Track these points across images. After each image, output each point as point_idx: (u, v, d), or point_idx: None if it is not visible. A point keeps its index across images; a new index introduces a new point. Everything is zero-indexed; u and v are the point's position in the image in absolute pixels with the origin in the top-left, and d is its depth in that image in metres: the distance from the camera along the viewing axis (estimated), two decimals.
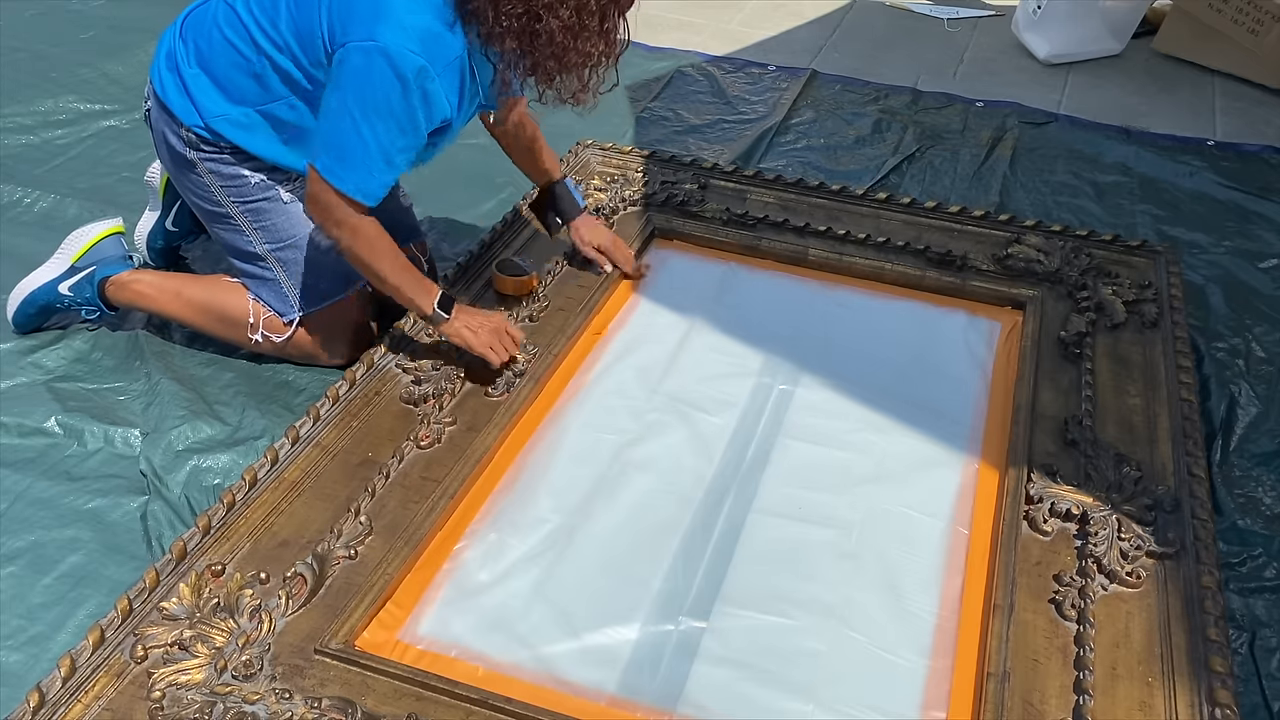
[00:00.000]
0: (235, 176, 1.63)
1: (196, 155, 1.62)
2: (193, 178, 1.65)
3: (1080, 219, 2.29)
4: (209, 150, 1.61)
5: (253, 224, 1.66)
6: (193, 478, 1.55)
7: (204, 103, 1.59)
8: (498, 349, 1.60)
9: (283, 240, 1.67)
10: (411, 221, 1.92)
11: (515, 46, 1.40)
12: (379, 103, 1.40)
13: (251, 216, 1.65)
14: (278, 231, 1.66)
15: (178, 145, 1.62)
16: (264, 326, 1.71)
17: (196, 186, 1.66)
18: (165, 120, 1.62)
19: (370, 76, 1.39)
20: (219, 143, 1.61)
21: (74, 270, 1.80)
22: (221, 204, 1.65)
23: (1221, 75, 3.00)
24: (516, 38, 1.39)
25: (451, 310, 1.59)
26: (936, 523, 1.45)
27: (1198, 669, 1.21)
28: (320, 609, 1.25)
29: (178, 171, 1.67)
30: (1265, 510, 1.56)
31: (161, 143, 1.66)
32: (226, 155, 1.62)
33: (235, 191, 1.64)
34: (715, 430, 1.60)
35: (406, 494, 1.41)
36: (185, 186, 1.69)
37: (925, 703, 1.22)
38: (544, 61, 1.41)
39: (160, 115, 1.63)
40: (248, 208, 1.65)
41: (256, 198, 1.64)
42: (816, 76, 2.94)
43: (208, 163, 1.62)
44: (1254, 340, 1.90)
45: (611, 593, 1.34)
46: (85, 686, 1.14)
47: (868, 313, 1.89)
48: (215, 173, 1.63)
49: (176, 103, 1.60)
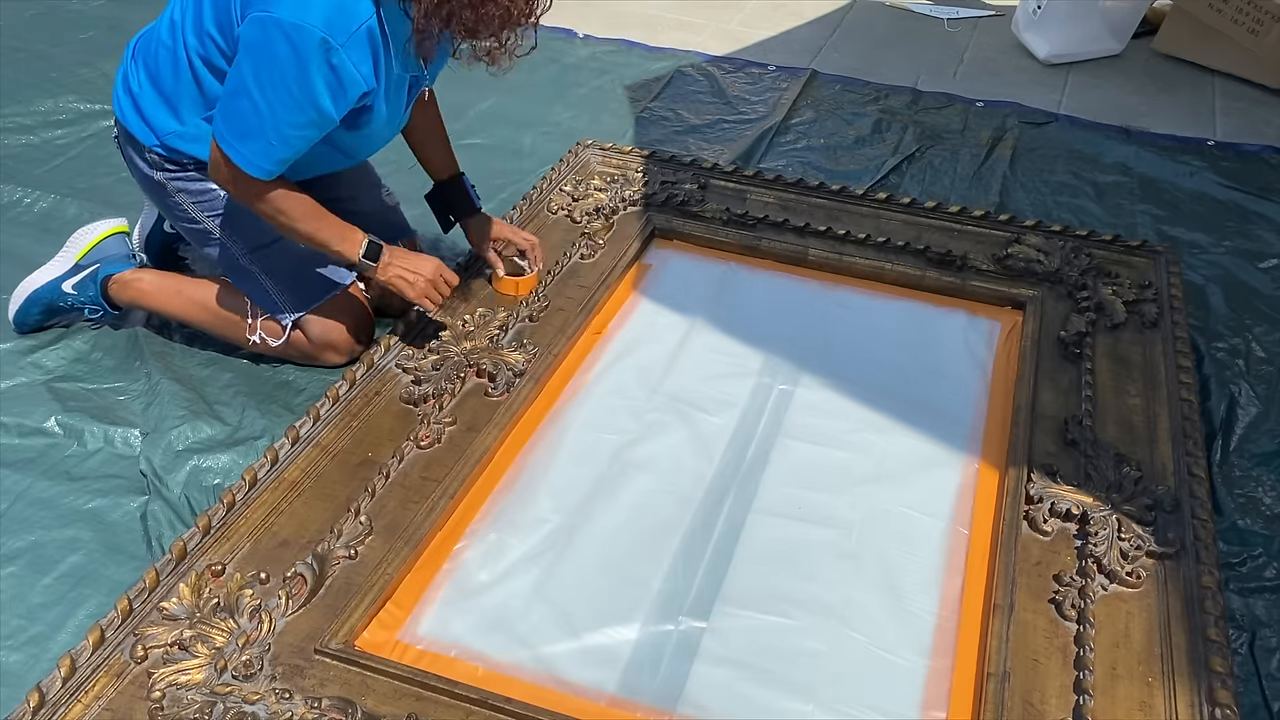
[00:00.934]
0: (203, 191, 1.63)
1: (163, 176, 1.62)
2: (167, 201, 1.66)
3: (1080, 219, 2.29)
4: (173, 170, 1.61)
5: (230, 233, 1.65)
6: (193, 478, 1.55)
7: (157, 121, 1.58)
8: (433, 295, 1.60)
9: (260, 243, 1.65)
10: (400, 219, 1.92)
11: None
12: (275, 78, 1.36)
13: (226, 225, 1.65)
14: (254, 236, 1.65)
15: (144, 168, 1.63)
16: (261, 329, 1.71)
17: (174, 208, 1.66)
18: (129, 144, 1.63)
19: (267, 49, 1.35)
20: (181, 159, 1.60)
21: (78, 268, 1.80)
22: (197, 220, 1.65)
23: (1221, 75, 3.00)
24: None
25: (380, 256, 1.56)
26: (936, 523, 1.45)
27: (1198, 669, 1.21)
28: (320, 609, 1.25)
29: (153, 197, 1.68)
30: (1265, 510, 1.56)
31: (132, 168, 1.66)
32: (191, 172, 1.61)
33: (207, 205, 1.63)
34: (715, 430, 1.60)
35: (406, 494, 1.41)
36: (161, 206, 1.70)
37: (925, 703, 1.22)
38: (460, 10, 1.35)
39: (125, 140, 1.64)
40: (221, 216, 1.64)
41: (226, 206, 1.64)
42: (816, 76, 2.94)
43: (175, 182, 1.62)
44: (1254, 340, 1.90)
45: (611, 593, 1.34)
46: (85, 686, 1.14)
47: (868, 313, 1.89)
48: (184, 190, 1.62)
49: (135, 126, 1.59)
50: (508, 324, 1.74)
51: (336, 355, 1.75)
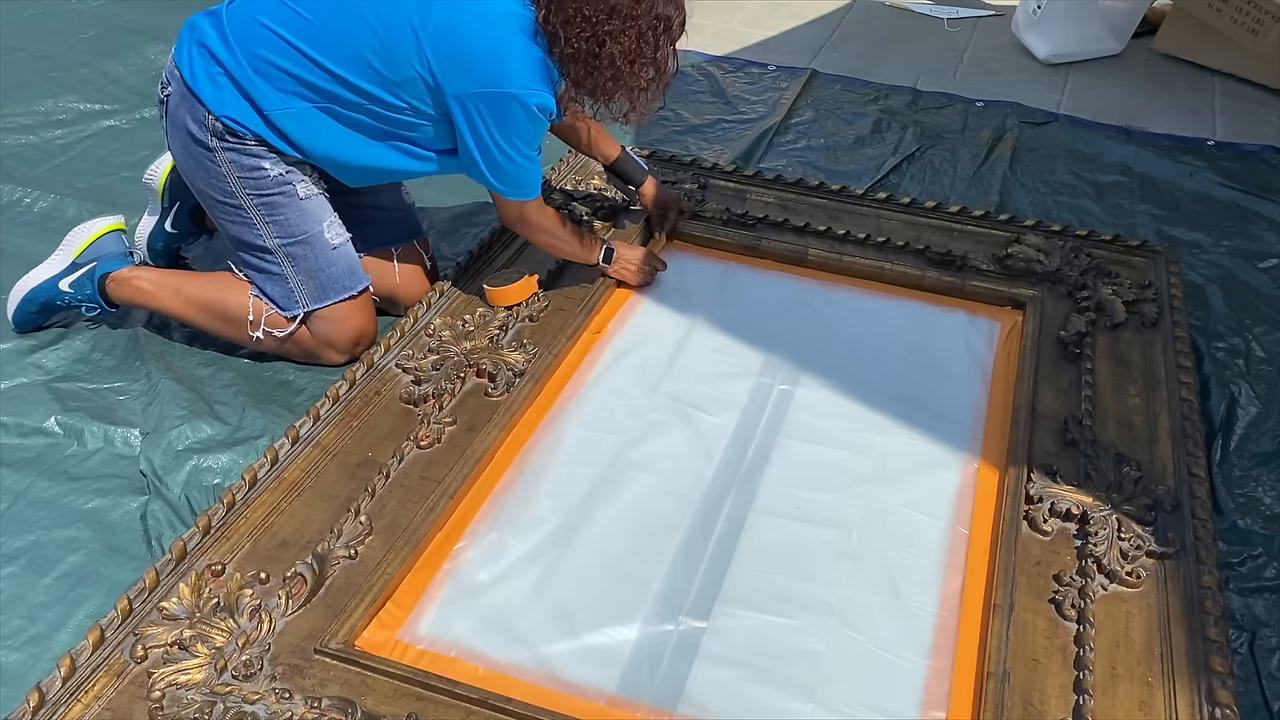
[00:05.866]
0: (254, 168, 1.63)
1: (219, 144, 1.61)
2: (209, 166, 1.64)
3: (1080, 219, 2.29)
4: (232, 140, 1.61)
5: (265, 217, 1.66)
6: (193, 478, 1.55)
7: (263, 97, 1.58)
8: (648, 278, 1.91)
9: (294, 236, 1.67)
10: (414, 219, 1.93)
11: (579, 68, 1.55)
12: (520, 132, 1.59)
13: (265, 210, 1.65)
14: (290, 227, 1.66)
15: (199, 133, 1.61)
16: (265, 323, 1.71)
17: (211, 175, 1.65)
18: (190, 107, 1.61)
19: (509, 118, 1.57)
20: (244, 134, 1.60)
21: (75, 266, 1.80)
22: (235, 195, 1.65)
23: (1221, 75, 3.00)
24: (582, 61, 1.54)
25: (612, 257, 1.85)
26: (936, 523, 1.45)
27: (1198, 669, 1.21)
28: (320, 609, 1.25)
29: (192, 160, 1.65)
30: (1265, 510, 1.56)
31: (179, 129, 1.64)
32: (250, 145, 1.61)
33: (251, 184, 1.63)
34: (715, 430, 1.60)
35: (406, 494, 1.41)
36: (198, 175, 1.67)
37: (925, 703, 1.22)
38: (603, 83, 1.57)
39: (184, 102, 1.62)
40: (262, 200, 1.65)
41: (271, 192, 1.64)
42: (816, 76, 2.94)
43: (229, 152, 1.62)
44: (1254, 340, 1.90)
45: (611, 593, 1.34)
46: (85, 686, 1.14)
47: (868, 313, 1.89)
48: (234, 163, 1.62)
49: (207, 91, 1.59)
50: (508, 324, 1.74)
51: (336, 354, 1.76)
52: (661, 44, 1.56)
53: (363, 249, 1.79)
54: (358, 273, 1.74)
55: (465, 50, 1.53)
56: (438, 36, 1.52)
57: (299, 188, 1.66)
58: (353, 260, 1.73)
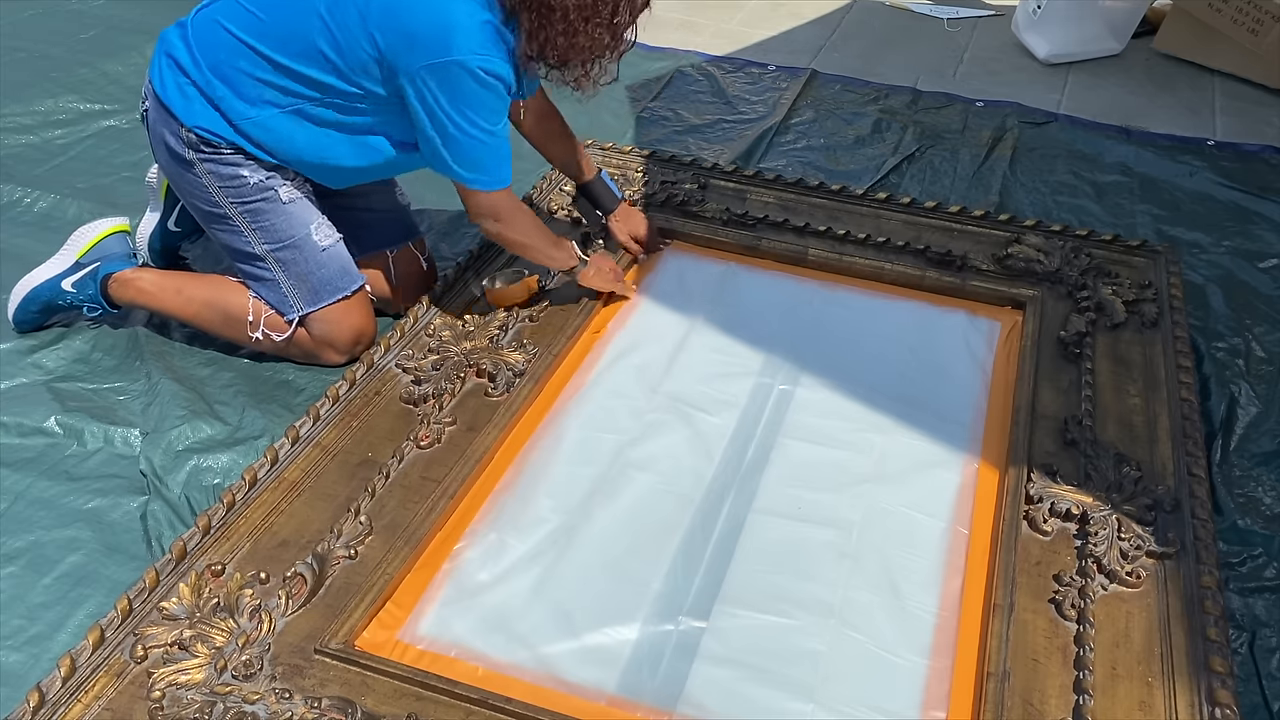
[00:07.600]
0: (233, 177, 1.63)
1: (195, 156, 1.62)
2: (190, 178, 1.65)
3: (1080, 219, 2.29)
4: (208, 151, 1.61)
5: (251, 225, 1.66)
6: (193, 478, 1.55)
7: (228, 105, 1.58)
8: (618, 286, 1.84)
9: (282, 241, 1.67)
10: (409, 221, 1.93)
11: (531, 18, 1.49)
12: (470, 100, 1.52)
13: (249, 217, 1.65)
14: (276, 232, 1.66)
15: (176, 146, 1.62)
16: (265, 325, 1.71)
17: (194, 187, 1.66)
18: (164, 121, 1.62)
19: (458, 86, 1.50)
20: (217, 142, 1.61)
21: (78, 266, 1.80)
22: (219, 204, 1.65)
23: (1221, 75, 3.00)
24: (534, 11, 1.48)
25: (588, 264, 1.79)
26: (936, 523, 1.45)
27: (1198, 669, 1.21)
28: (320, 609, 1.25)
29: (175, 172, 1.67)
30: (1265, 510, 1.56)
31: (159, 143, 1.66)
32: (226, 154, 1.62)
33: (233, 192, 1.64)
34: (715, 430, 1.60)
35: (406, 494, 1.41)
36: (182, 188, 1.69)
37: (925, 703, 1.22)
38: (554, 38, 1.50)
39: (159, 116, 1.63)
40: (246, 208, 1.65)
41: (254, 199, 1.64)
42: (816, 76, 2.94)
43: (206, 163, 1.62)
44: (1254, 340, 1.90)
45: (611, 593, 1.34)
46: (85, 686, 1.14)
47: (868, 313, 1.89)
48: (213, 173, 1.63)
49: (178, 104, 1.60)
50: (508, 324, 1.74)
51: (336, 354, 1.76)
52: (620, 9, 1.52)
53: (357, 253, 1.78)
54: (350, 273, 1.73)
55: (409, 24, 1.48)
56: (383, 15, 1.49)
57: (281, 192, 1.66)
58: (344, 260, 1.73)
